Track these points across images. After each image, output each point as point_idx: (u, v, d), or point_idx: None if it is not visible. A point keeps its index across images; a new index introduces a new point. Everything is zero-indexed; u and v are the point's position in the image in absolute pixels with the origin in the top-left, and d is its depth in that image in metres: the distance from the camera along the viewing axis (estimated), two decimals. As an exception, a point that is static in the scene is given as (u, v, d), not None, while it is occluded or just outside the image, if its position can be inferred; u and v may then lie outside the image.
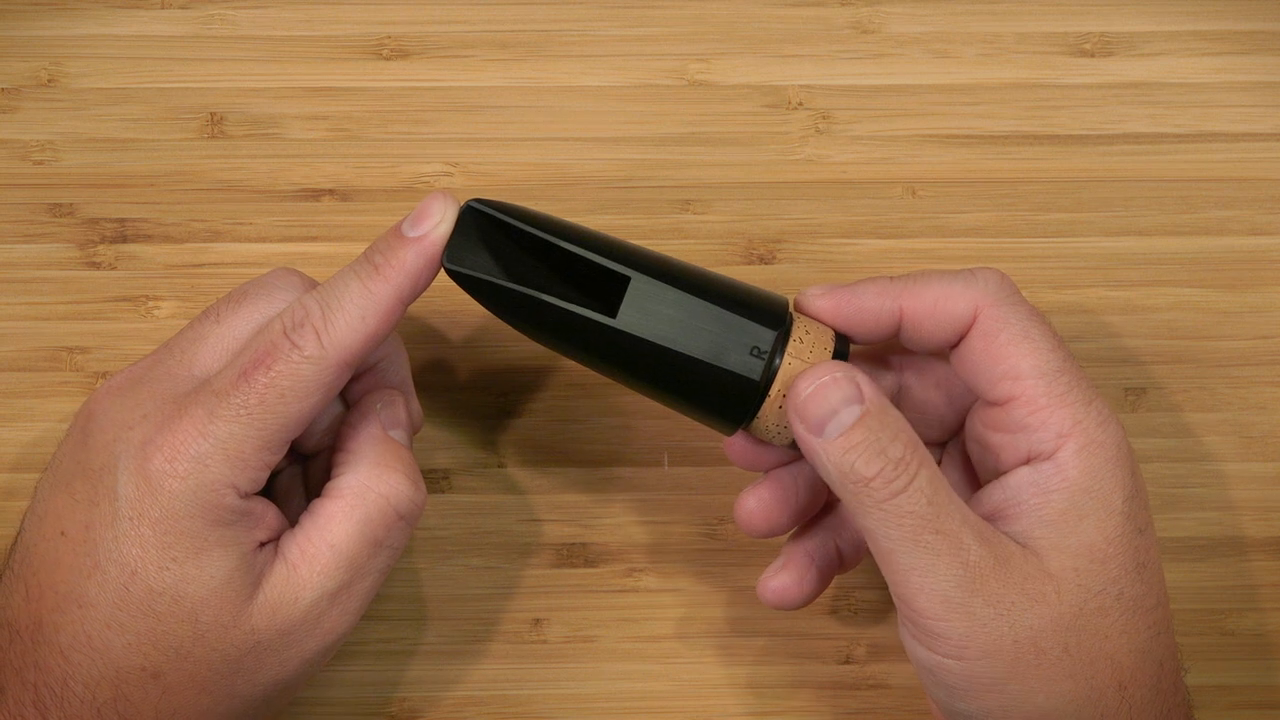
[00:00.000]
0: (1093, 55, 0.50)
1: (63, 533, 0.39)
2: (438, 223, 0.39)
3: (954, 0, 0.50)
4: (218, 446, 0.38)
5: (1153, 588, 0.39)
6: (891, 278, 0.41)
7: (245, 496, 0.39)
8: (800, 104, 0.49)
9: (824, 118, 0.49)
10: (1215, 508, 0.49)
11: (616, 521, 0.49)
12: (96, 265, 0.48)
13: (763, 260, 0.49)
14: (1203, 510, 0.49)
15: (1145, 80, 0.50)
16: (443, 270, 0.40)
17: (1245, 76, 0.50)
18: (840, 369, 0.38)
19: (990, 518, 0.39)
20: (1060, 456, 0.38)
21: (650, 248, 0.41)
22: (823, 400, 0.38)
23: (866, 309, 0.40)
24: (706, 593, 0.49)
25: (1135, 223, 0.49)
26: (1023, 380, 0.39)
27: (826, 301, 0.40)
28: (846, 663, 0.49)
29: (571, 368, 0.49)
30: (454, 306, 0.48)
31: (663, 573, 0.49)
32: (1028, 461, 0.39)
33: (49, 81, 0.49)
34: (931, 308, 0.40)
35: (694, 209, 0.49)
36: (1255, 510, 0.49)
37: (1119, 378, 0.49)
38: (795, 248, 0.49)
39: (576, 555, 0.49)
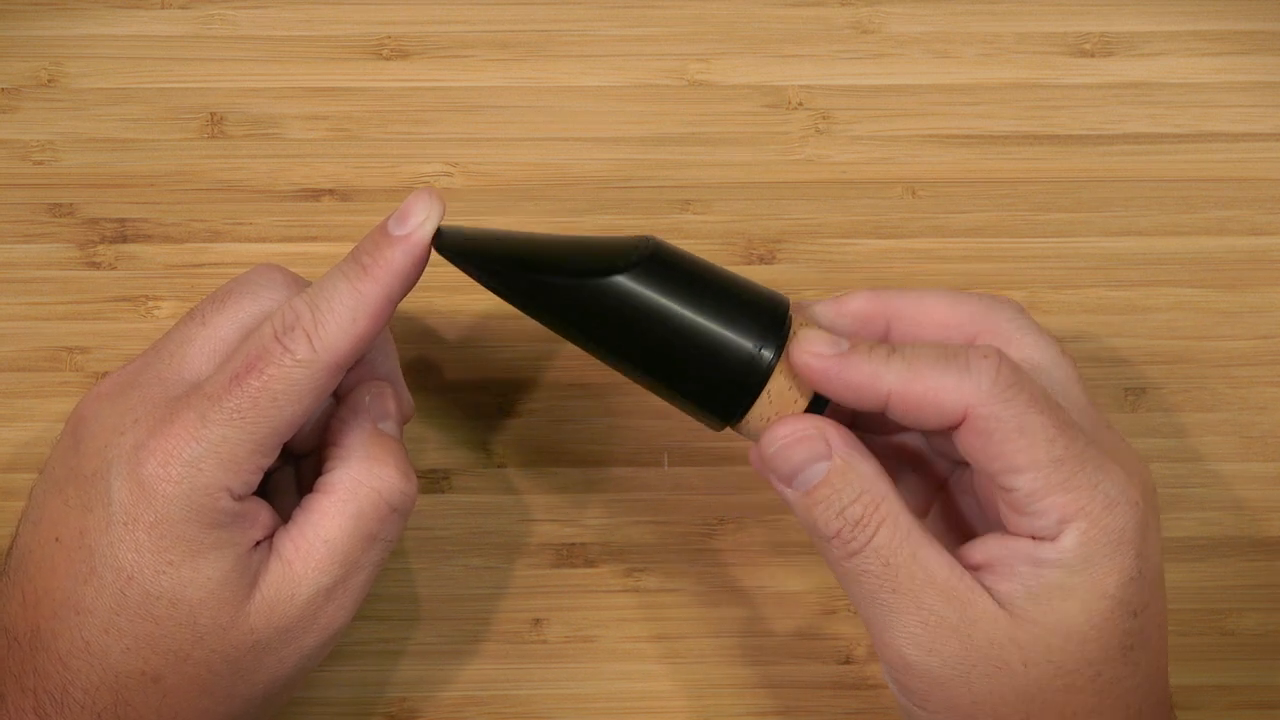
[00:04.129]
0: (1093, 55, 0.50)
1: (58, 539, 0.39)
2: (423, 220, 0.39)
3: (954, 0, 0.50)
4: (210, 450, 0.38)
5: (1138, 669, 0.38)
6: (889, 354, 0.38)
7: (239, 499, 0.39)
8: (800, 104, 0.49)
9: (824, 118, 0.49)
10: (1215, 508, 0.49)
11: (617, 521, 0.49)
12: (96, 265, 0.48)
13: (763, 260, 0.49)
14: (1203, 510, 0.49)
15: (1145, 80, 0.50)
16: (431, 267, 0.40)
17: (1245, 76, 0.49)
18: (811, 425, 0.38)
19: (982, 568, 0.39)
20: (1061, 542, 0.38)
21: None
22: (789, 457, 0.38)
23: (853, 385, 0.38)
24: (706, 593, 0.49)
25: (1135, 223, 0.49)
26: (1022, 475, 0.37)
27: (816, 365, 0.38)
28: (846, 663, 0.49)
29: (571, 367, 0.49)
30: (452, 307, 0.48)
31: (663, 573, 0.49)
32: (1030, 538, 0.38)
33: (49, 81, 0.49)
34: (920, 400, 0.38)
35: (694, 209, 0.49)
36: (1255, 510, 0.49)
37: (1119, 378, 0.49)
38: (795, 248, 0.49)
39: (576, 555, 0.49)
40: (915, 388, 0.38)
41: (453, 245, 0.39)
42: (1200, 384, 0.49)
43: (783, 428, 0.38)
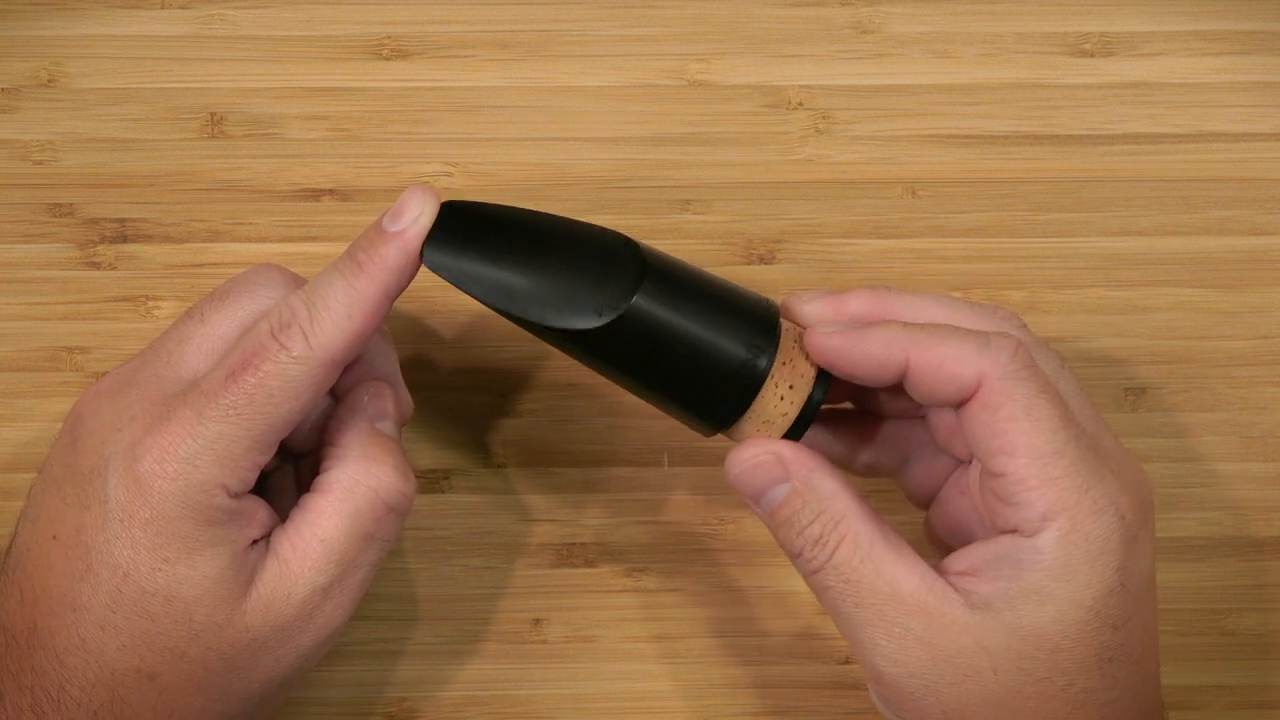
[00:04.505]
0: (1093, 55, 0.50)
1: (55, 536, 0.39)
2: (417, 216, 0.39)
3: (954, 0, 0.50)
4: (207, 447, 0.38)
5: (1116, 682, 0.38)
6: (906, 325, 0.39)
7: (235, 496, 0.39)
8: (800, 104, 0.49)
9: (824, 118, 0.49)
10: (1215, 508, 0.49)
11: (617, 521, 0.49)
12: (96, 265, 0.48)
13: (763, 260, 0.49)
14: (1203, 510, 0.49)
15: (1145, 80, 0.50)
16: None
17: (1245, 76, 0.49)
18: (767, 450, 0.39)
19: (965, 574, 0.39)
20: (1040, 540, 0.38)
21: None
22: (750, 480, 0.39)
23: (873, 356, 0.39)
24: (706, 593, 0.49)
25: (1135, 223, 0.49)
26: (1017, 458, 0.38)
27: (834, 341, 0.39)
28: (846, 663, 0.49)
29: (571, 367, 0.48)
30: (452, 306, 0.48)
31: (663, 573, 0.49)
32: (1014, 532, 0.38)
33: (49, 81, 0.49)
34: (937, 368, 0.38)
35: (694, 209, 0.49)
36: (1255, 510, 0.49)
37: (1119, 378, 0.49)
38: (795, 248, 0.49)
39: (576, 555, 0.49)
40: (933, 355, 0.38)
41: (445, 264, 0.39)
42: (1200, 384, 0.49)
43: (744, 452, 0.40)
